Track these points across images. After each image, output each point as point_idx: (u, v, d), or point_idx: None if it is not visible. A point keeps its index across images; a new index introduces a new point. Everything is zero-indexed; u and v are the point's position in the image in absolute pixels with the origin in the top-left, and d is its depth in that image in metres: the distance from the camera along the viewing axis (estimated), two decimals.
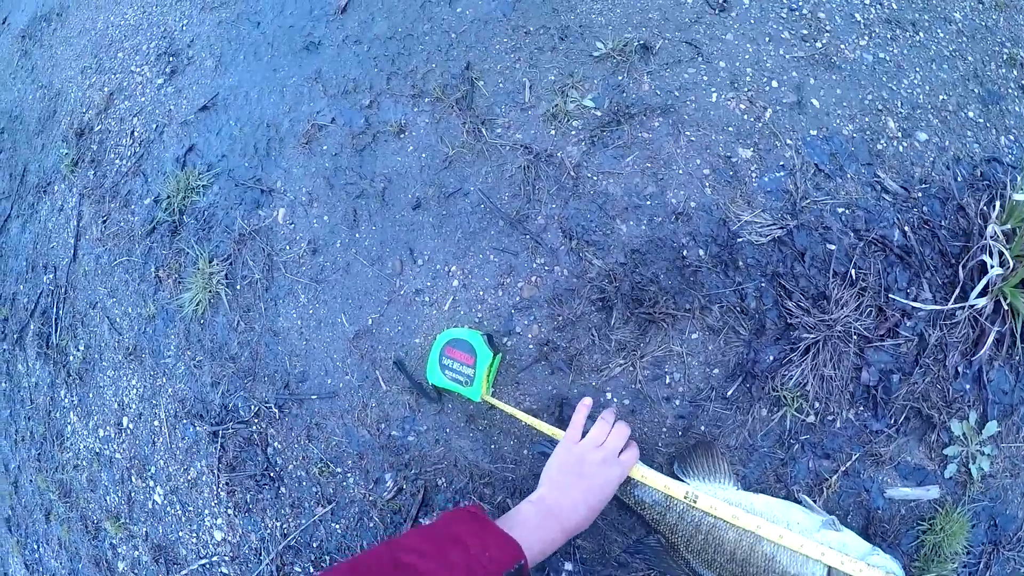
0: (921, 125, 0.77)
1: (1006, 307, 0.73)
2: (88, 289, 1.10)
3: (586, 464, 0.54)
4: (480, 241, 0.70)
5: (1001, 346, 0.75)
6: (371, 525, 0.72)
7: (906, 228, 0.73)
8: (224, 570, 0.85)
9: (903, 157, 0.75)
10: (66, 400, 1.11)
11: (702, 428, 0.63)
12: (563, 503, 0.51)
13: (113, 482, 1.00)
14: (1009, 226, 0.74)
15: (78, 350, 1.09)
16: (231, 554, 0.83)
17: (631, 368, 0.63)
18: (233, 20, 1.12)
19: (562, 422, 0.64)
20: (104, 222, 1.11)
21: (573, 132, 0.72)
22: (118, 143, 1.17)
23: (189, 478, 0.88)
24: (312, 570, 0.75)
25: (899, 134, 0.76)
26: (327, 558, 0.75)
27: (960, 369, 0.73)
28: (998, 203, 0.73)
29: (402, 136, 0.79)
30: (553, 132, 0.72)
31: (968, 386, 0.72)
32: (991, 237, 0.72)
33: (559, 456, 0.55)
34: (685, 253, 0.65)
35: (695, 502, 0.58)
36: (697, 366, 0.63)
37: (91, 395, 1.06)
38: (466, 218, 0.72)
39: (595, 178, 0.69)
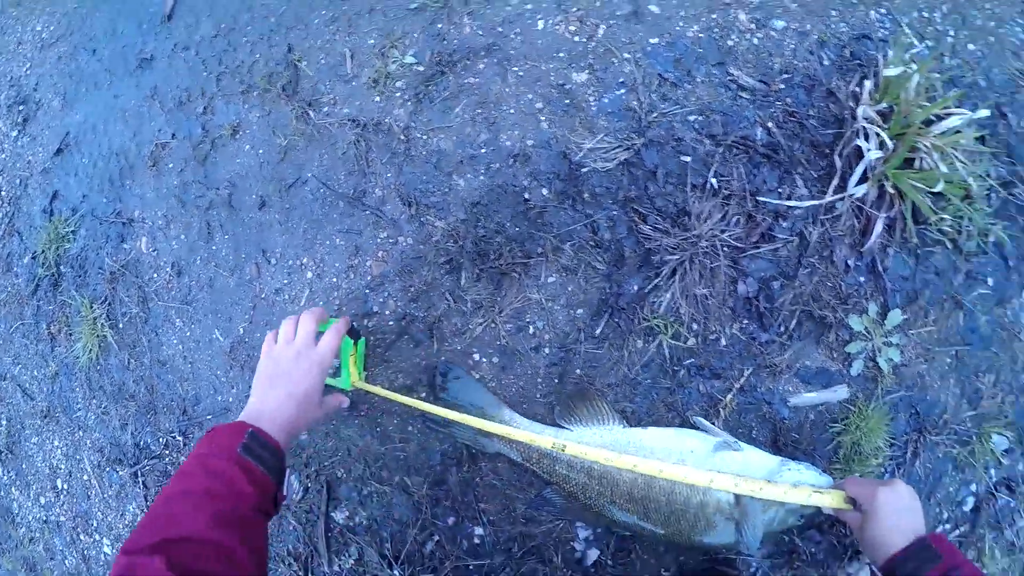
0: (777, 12, 0.77)
1: (891, 191, 0.74)
2: None
3: (281, 363, 0.58)
4: (325, 227, 0.73)
5: (893, 231, 0.76)
6: (291, 528, 0.78)
7: (770, 124, 0.74)
8: None
9: (759, 50, 0.75)
10: (5, 477, 1.19)
11: (577, 372, 0.67)
12: (269, 405, 0.55)
13: (66, 545, 1.08)
14: (884, 105, 0.74)
15: (1, 425, 1.16)
16: None
17: (492, 325, 0.67)
18: (71, 53, 1.13)
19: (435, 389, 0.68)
20: None
21: (398, 94, 0.73)
22: None
23: (127, 522, 0.95)
24: None
25: (752, 26, 0.76)
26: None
27: (851, 263, 0.75)
28: (868, 82, 0.73)
29: (238, 136, 0.82)
30: (378, 98, 0.74)
31: (863, 278, 0.74)
32: (865, 119, 0.73)
33: (260, 366, 0.59)
34: (528, 195, 0.68)
35: (563, 449, 0.62)
36: (559, 310, 0.67)
37: (24, 466, 1.14)
38: (309, 207, 0.75)
39: (425, 137, 0.71)
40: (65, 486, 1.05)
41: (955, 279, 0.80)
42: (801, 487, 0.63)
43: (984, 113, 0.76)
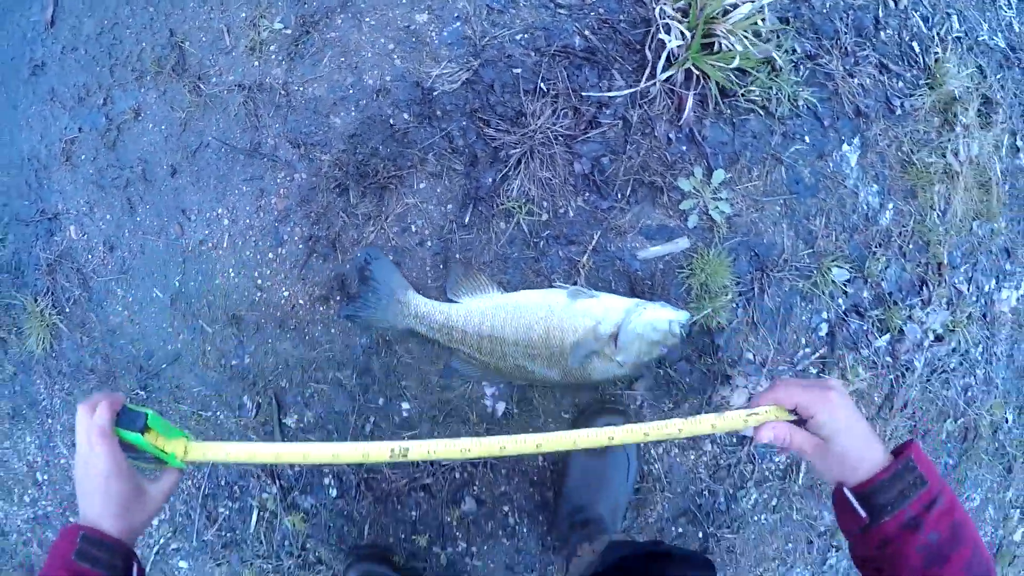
0: None
1: (696, 72, 0.98)
2: None
3: (79, 478, 0.59)
4: (231, 179, 0.93)
5: (706, 105, 1.01)
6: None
7: (586, 32, 0.97)
8: (174, 545, 1.12)
9: None
10: None
11: (457, 256, 0.90)
12: (95, 516, 0.58)
13: (57, 532, 1.25)
14: (683, 3, 0.98)
15: None
16: (170, 527, 1.10)
17: (382, 230, 0.88)
18: None
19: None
20: None
21: (273, 56, 0.93)
22: None
23: None
24: (231, 503, 1.03)
25: None
26: (237, 487, 1.02)
27: (671, 136, 0.99)
28: None
29: (140, 118, 1.00)
30: (257, 63, 0.93)
31: (684, 147, 0.99)
32: (666, 16, 0.96)
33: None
34: (392, 121, 0.89)
35: (406, 454, 0.61)
36: (433, 208, 0.89)
37: (2, 473, 1.29)
38: (214, 165, 0.94)
39: (302, 88, 0.91)
40: (45, 477, 1.22)
41: (772, 140, 1.05)
42: (731, 415, 0.61)
43: None
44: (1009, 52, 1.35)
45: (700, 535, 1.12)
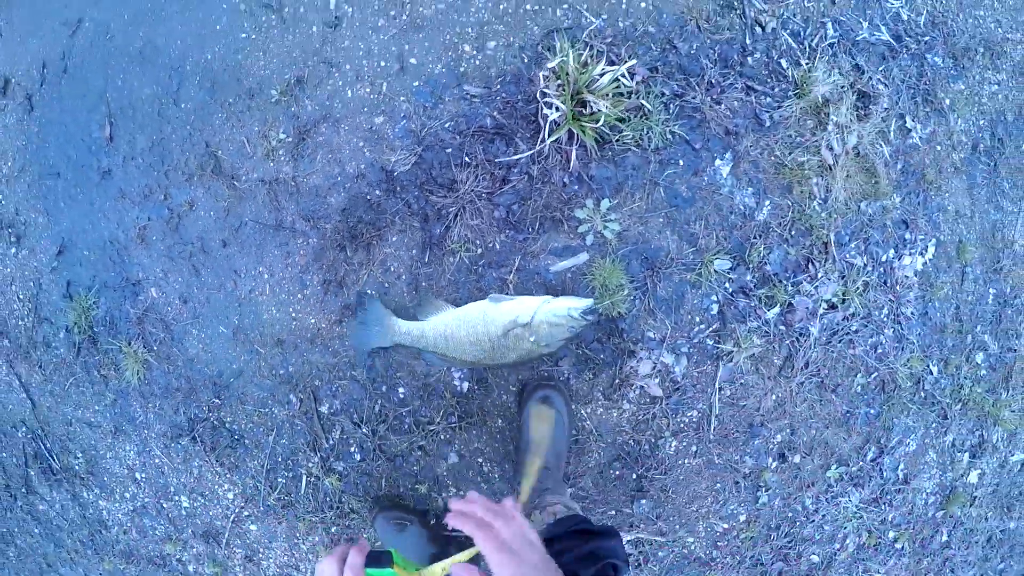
0: (488, 36, 1.80)
1: (577, 132, 1.78)
2: (58, 416, 2.26)
3: None
4: (266, 246, 1.81)
5: (590, 153, 1.81)
6: (299, 428, 1.88)
7: (495, 114, 1.78)
8: (246, 513, 2.04)
9: (481, 66, 1.79)
10: (90, 496, 2.31)
11: (423, 284, 1.74)
12: None
13: (153, 518, 2.21)
14: (560, 81, 1.77)
15: (78, 457, 2.27)
16: (243, 499, 2.01)
17: (371, 271, 1.74)
18: (37, 180, 2.20)
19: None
20: (40, 367, 2.26)
21: (282, 158, 1.79)
22: (12, 310, 2.29)
23: (195, 476, 2.07)
24: (286, 473, 1.93)
25: (474, 52, 1.80)
26: (291, 461, 1.92)
27: (565, 180, 1.80)
28: (543, 72, 1.76)
29: (194, 208, 1.88)
30: (272, 164, 1.80)
31: (576, 187, 1.80)
32: (547, 96, 1.76)
33: None
34: (369, 196, 1.74)
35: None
36: (404, 255, 1.74)
37: (106, 478, 2.26)
38: (253, 237, 1.82)
39: (306, 179, 1.77)
40: (142, 476, 2.17)
41: (649, 169, 1.85)
42: (449, 560, 1.00)
43: (629, 63, 1.79)
44: (894, 43, 2.07)
45: (634, 476, 1.96)
